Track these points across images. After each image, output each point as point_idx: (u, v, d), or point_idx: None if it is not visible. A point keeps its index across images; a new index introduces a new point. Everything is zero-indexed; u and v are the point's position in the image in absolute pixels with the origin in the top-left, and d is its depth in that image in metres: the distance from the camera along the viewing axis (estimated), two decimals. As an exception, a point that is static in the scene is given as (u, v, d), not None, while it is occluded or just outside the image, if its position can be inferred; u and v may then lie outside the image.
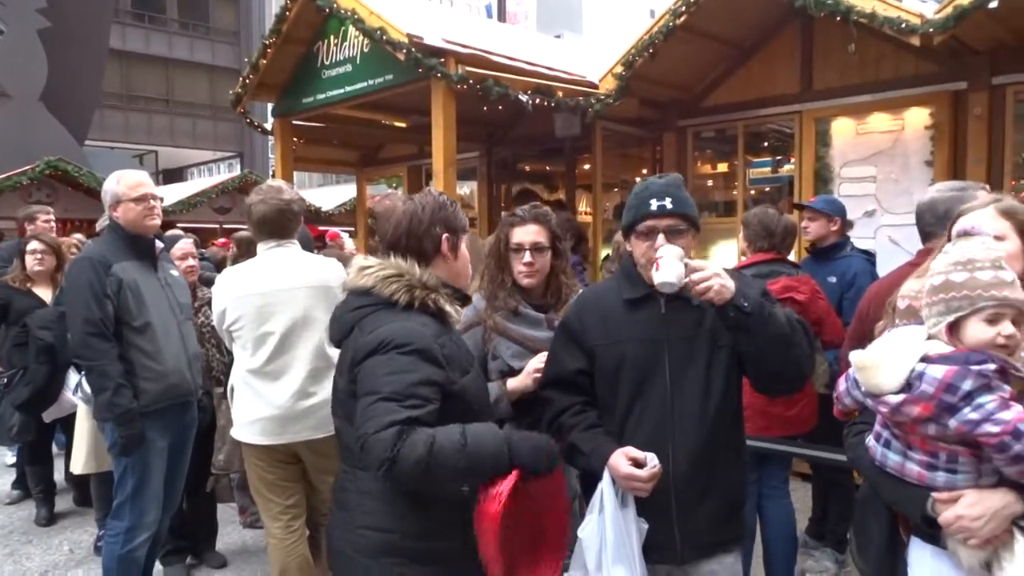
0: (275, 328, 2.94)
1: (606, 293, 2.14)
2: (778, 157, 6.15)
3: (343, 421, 1.90)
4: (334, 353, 3.02)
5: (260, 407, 2.97)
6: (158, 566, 3.79)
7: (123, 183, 3.13)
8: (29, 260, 4.56)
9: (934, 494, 1.51)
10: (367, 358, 1.77)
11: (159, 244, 3.34)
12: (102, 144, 24.09)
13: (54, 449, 5.13)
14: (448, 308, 1.90)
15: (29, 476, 4.96)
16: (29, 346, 4.30)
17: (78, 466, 4.02)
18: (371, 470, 1.70)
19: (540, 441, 1.79)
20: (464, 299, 2.04)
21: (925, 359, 1.49)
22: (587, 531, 1.96)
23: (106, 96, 23.68)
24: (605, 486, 1.94)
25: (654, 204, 1.97)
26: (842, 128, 5.39)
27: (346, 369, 1.85)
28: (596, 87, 5.44)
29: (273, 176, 7.96)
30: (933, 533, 1.56)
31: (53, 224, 5.86)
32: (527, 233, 2.47)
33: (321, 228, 13.18)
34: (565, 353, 2.12)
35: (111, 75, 24.28)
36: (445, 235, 1.95)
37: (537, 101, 4.99)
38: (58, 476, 5.01)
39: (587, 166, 6.98)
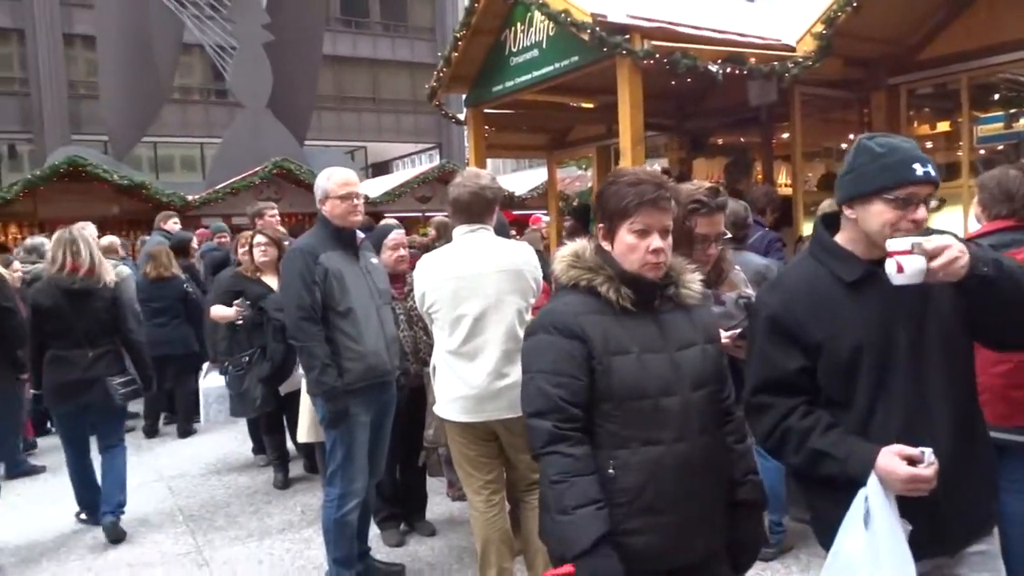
0: (468, 311, 3.07)
1: (815, 278, 1.88)
2: (1012, 111, 5.44)
3: None
4: (525, 334, 3.15)
5: (458, 386, 3.13)
6: (375, 529, 4.14)
7: (332, 180, 3.41)
8: (256, 252, 5.11)
9: None
10: (526, 339, 1.99)
11: (360, 235, 3.61)
12: (319, 143, 26.29)
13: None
14: (602, 289, 1.92)
15: (267, 444, 5.59)
16: (264, 327, 4.88)
17: (302, 435, 4.45)
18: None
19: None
20: (633, 281, 1.94)
21: None
22: (855, 545, 1.74)
23: (321, 99, 25.77)
24: (872, 493, 1.72)
25: (919, 169, 1.73)
26: (1094, 71, 4.65)
27: None
28: (793, 49, 5.10)
29: (467, 164, 8.30)
30: None
31: (278, 218, 6.53)
32: (714, 224, 2.38)
33: (516, 213, 13.57)
34: (779, 352, 1.88)
35: (324, 79, 26.38)
36: (600, 225, 2.00)
37: (728, 70, 4.77)
38: (290, 445, 5.60)
39: (785, 135, 6.59)
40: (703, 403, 1.96)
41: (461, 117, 7.18)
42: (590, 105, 7.15)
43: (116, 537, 4.43)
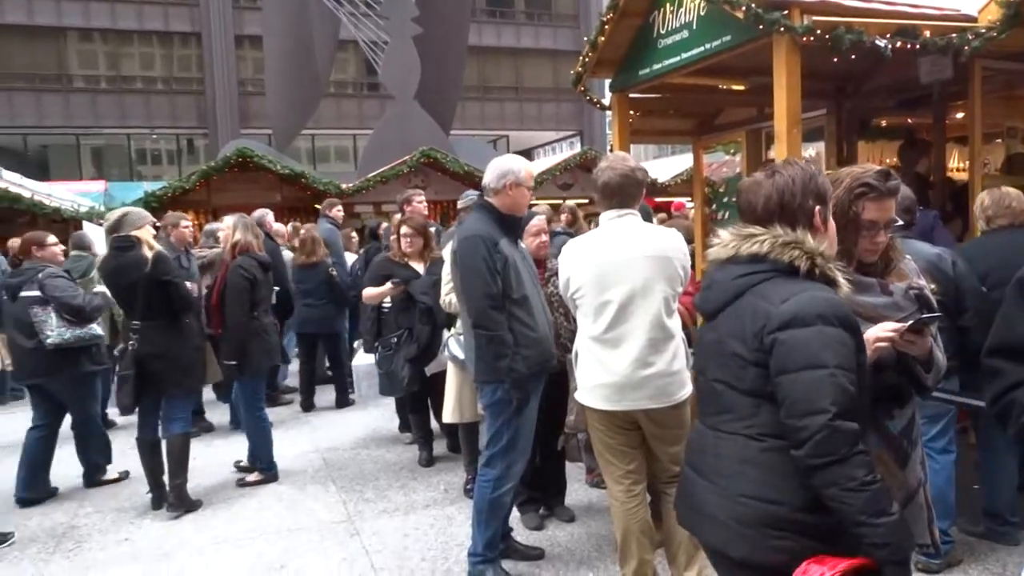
0: (614, 297, 3.03)
1: None
2: None
3: (729, 388, 1.90)
4: (673, 324, 3.07)
5: (600, 373, 3.10)
6: (515, 511, 4.20)
7: (524, 170, 3.47)
8: (403, 243, 5.32)
9: None
10: (785, 328, 1.76)
11: None
12: (463, 133, 26.97)
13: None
14: (841, 279, 1.85)
15: (412, 423, 5.81)
16: (411, 310, 5.08)
17: (447, 416, 4.65)
18: (799, 444, 1.70)
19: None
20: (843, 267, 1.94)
21: None
22: None
23: (465, 89, 26.36)
24: None
25: None
26: None
27: (748, 336, 1.83)
28: (975, 20, 4.64)
29: (611, 150, 8.20)
30: None
31: (425, 204, 6.75)
32: (884, 210, 2.17)
33: (658, 200, 13.28)
34: (1021, 316, 1.83)
35: (469, 70, 26.96)
36: (817, 207, 1.90)
37: (898, 45, 4.41)
38: (434, 424, 5.77)
39: (960, 115, 6.04)
40: None
41: (605, 102, 7.09)
42: (741, 87, 6.84)
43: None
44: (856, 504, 1.66)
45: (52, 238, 5.34)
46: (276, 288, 6.53)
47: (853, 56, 4.60)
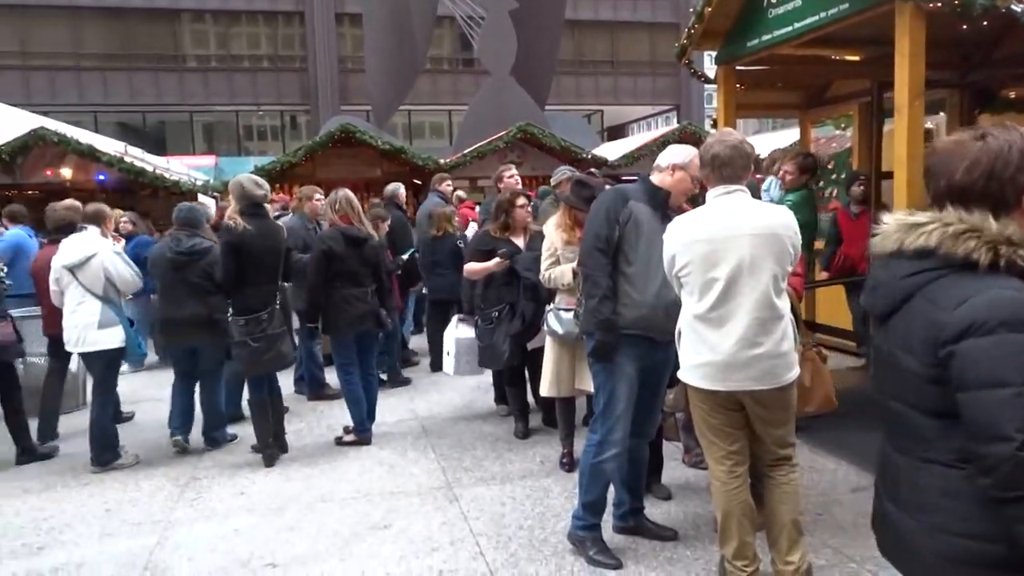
0: (720, 274, 2.97)
1: None
2: None
3: (910, 408, 1.66)
4: (782, 304, 3.00)
5: (704, 352, 3.05)
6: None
7: (692, 160, 3.49)
8: (520, 212, 5.33)
9: None
10: (961, 339, 1.51)
11: None
12: (557, 107, 26.79)
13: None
14: None
15: (509, 396, 5.89)
16: (513, 285, 5.15)
17: (544, 389, 4.71)
18: (984, 473, 1.48)
19: None
20: None
21: None
22: None
23: (560, 63, 26.13)
24: None
25: None
26: None
27: (919, 348, 1.60)
28: None
29: (714, 125, 7.99)
30: None
31: (516, 179, 6.84)
32: None
33: (759, 176, 12.84)
34: None
35: (565, 43, 26.68)
36: None
37: (1036, 9, 4.10)
38: (530, 398, 5.84)
39: (1104, 84, 5.58)
40: None
41: (710, 75, 6.90)
42: (856, 58, 6.53)
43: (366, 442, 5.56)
44: None
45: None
46: (404, 257, 7.21)
47: (985, 23, 4.32)
